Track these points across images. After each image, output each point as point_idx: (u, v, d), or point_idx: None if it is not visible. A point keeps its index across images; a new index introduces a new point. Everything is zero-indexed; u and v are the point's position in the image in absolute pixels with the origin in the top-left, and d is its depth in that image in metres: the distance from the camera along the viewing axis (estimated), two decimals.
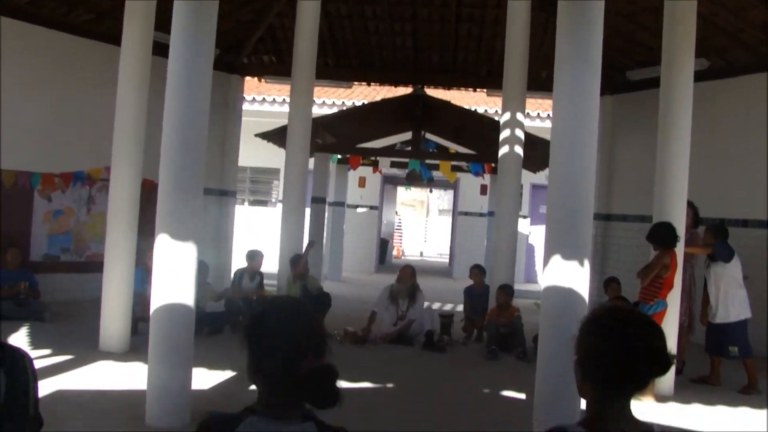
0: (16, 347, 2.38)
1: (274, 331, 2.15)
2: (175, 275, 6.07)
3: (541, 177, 16.73)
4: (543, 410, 5.74)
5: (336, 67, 15.51)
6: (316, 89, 15.27)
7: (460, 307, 12.52)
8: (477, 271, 12.22)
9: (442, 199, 36.20)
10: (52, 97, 11.47)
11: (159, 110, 6.37)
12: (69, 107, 11.67)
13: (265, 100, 19.39)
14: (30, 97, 11.16)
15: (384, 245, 24.31)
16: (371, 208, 22.03)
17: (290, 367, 2.09)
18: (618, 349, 2.11)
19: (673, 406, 7.70)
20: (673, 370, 8.26)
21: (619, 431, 2.14)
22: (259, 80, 17.33)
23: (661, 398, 7.88)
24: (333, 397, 2.11)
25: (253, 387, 2.16)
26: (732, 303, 8.73)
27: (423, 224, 36.62)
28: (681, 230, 8.22)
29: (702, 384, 8.79)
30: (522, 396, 7.77)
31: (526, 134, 11.98)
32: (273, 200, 21.37)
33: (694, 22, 8.52)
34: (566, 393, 5.21)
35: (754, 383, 8.66)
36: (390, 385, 8.22)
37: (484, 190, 19.66)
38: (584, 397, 2.22)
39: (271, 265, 12.07)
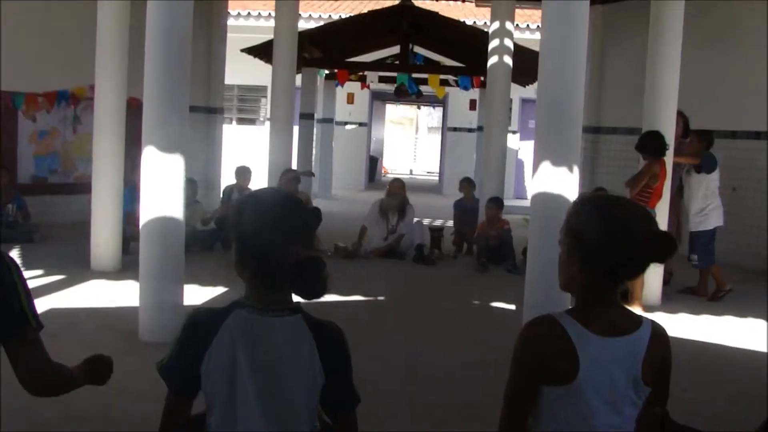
0: None
1: (258, 219, 2.15)
2: (163, 189, 6.03)
3: (531, 91, 16.58)
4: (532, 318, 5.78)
5: None
6: (303, 3, 15.06)
7: (451, 222, 12.57)
8: (466, 183, 12.24)
9: (431, 116, 35.94)
10: (32, 15, 11.21)
11: (142, 27, 6.23)
12: (51, 24, 11.42)
13: (250, 15, 19.10)
14: (9, 15, 10.90)
15: (373, 163, 24.26)
16: (360, 125, 21.92)
17: (278, 254, 2.09)
18: (624, 231, 2.13)
19: (659, 316, 7.79)
20: (660, 279, 8.37)
21: (608, 320, 2.16)
22: None
23: (648, 308, 7.96)
24: (320, 287, 2.12)
25: None
26: (709, 212, 8.80)
27: (412, 142, 36.45)
28: (670, 139, 8.21)
29: (690, 295, 8.88)
30: (512, 307, 7.85)
31: (516, 46, 11.84)
32: (261, 118, 21.21)
33: None
34: (555, 302, 5.22)
35: (719, 287, 8.85)
36: (381, 298, 8.31)
37: (473, 105, 19.52)
38: (572, 288, 2.22)
39: (260, 183, 12.02)
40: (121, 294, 7.64)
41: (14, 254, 9.23)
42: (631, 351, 2.15)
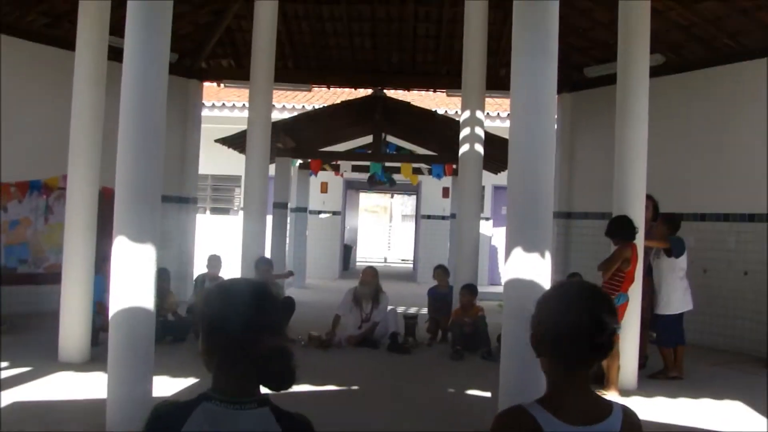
0: None
1: (227, 308, 2.11)
2: (133, 279, 5.95)
3: (503, 178, 16.74)
4: (508, 405, 5.71)
5: (295, 69, 15.48)
6: (276, 94, 15.23)
7: (425, 310, 12.51)
8: (440, 271, 12.22)
9: (405, 204, 36.18)
10: (5, 105, 11.24)
11: (116, 116, 6.25)
12: (24, 115, 11.46)
13: (224, 106, 19.28)
14: None
15: (347, 251, 24.25)
16: (334, 213, 21.96)
17: (245, 343, 2.05)
18: (579, 318, 2.12)
19: (636, 400, 7.74)
20: (636, 364, 8.35)
21: (579, 408, 2.13)
22: (218, 85, 17.24)
23: (625, 392, 7.93)
24: (289, 377, 2.07)
25: None
26: (675, 295, 8.86)
27: (386, 230, 36.56)
28: (640, 223, 8.30)
29: (663, 379, 8.84)
30: (487, 394, 7.75)
31: (487, 134, 12.02)
32: (235, 208, 21.21)
33: (648, 18, 8.66)
34: (531, 387, 5.17)
35: (665, 368, 8.94)
36: (355, 387, 8.18)
37: (446, 192, 19.71)
38: (545, 374, 2.21)
39: (233, 272, 11.94)
40: (89, 386, 7.48)
41: None
42: None
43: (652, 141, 8.75)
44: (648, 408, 7.45)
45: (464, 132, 11.29)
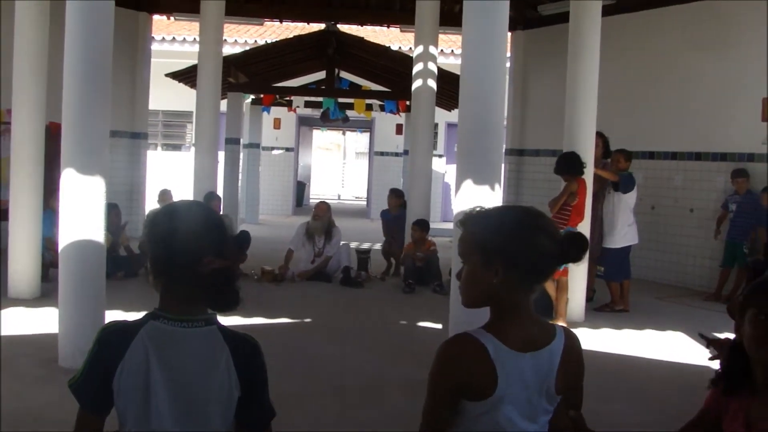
0: None
1: (172, 227, 2.13)
2: (82, 213, 5.91)
3: (456, 116, 16.78)
4: None
5: (246, 3, 15.18)
6: (228, 28, 14.99)
7: (378, 246, 12.59)
8: (392, 195, 12.30)
9: (358, 141, 36.06)
10: None
11: (62, 49, 6.12)
12: None
13: (175, 40, 18.93)
14: None
15: (301, 188, 24.21)
16: (287, 150, 21.85)
17: (189, 264, 2.07)
18: (537, 232, 2.16)
19: (583, 331, 7.93)
20: (583, 296, 8.55)
21: (524, 333, 2.18)
22: (168, 18, 16.88)
23: (572, 324, 8.11)
24: (233, 299, 2.10)
25: None
26: (622, 230, 9.03)
27: (340, 167, 36.50)
28: (590, 160, 8.41)
29: (608, 311, 9.06)
30: (439, 326, 7.89)
31: (440, 70, 12.01)
32: (187, 144, 20.99)
33: None
34: (479, 319, 5.28)
35: (612, 302, 9.17)
36: (308, 320, 8.26)
37: (399, 129, 19.72)
38: (483, 302, 2.22)
39: None
40: (41, 321, 7.44)
41: None
42: (546, 363, 2.17)
43: (604, 80, 8.83)
44: (594, 338, 7.65)
45: (417, 67, 11.27)
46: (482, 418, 2.15)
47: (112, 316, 6.59)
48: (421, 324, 8.26)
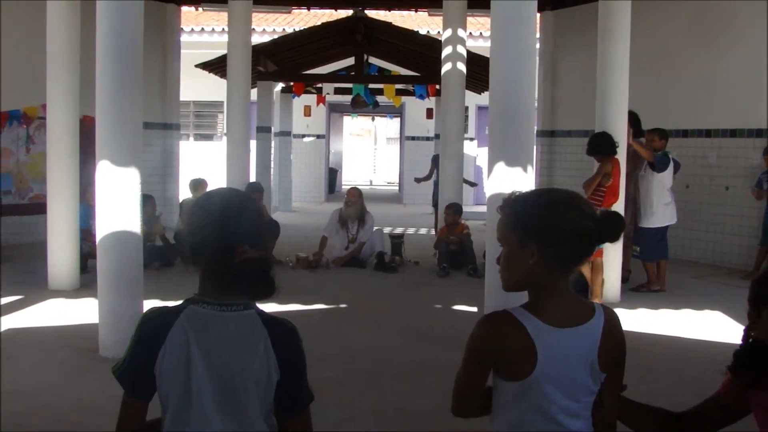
0: None
1: (207, 216, 2.16)
2: (118, 203, 5.99)
3: (487, 98, 16.69)
4: None
5: None
6: (256, 17, 15.04)
7: (411, 230, 12.61)
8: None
9: (389, 126, 36.04)
10: None
11: (93, 43, 6.19)
12: None
13: (204, 30, 19.03)
14: None
15: (332, 174, 24.25)
16: (318, 137, 21.90)
17: (223, 253, 2.10)
18: (573, 213, 2.15)
19: (619, 312, 7.85)
20: (619, 277, 8.50)
21: (563, 311, 2.18)
22: (196, 9, 16.95)
23: (608, 304, 8.01)
24: (268, 288, 2.12)
25: None
26: (657, 210, 8.93)
27: (371, 153, 36.50)
28: (623, 139, 8.33)
29: (644, 291, 8.99)
30: (474, 309, 7.89)
31: (469, 53, 11.96)
32: (218, 134, 21.11)
33: None
34: (514, 302, 5.29)
35: (648, 282, 9.08)
36: (343, 306, 8.29)
37: (430, 113, 19.66)
38: (522, 285, 2.22)
39: None
40: (81, 311, 7.55)
41: None
42: (587, 340, 2.16)
43: (635, 57, 8.72)
44: (631, 319, 7.60)
45: (446, 51, 11.24)
46: (523, 397, 2.16)
47: (149, 305, 6.64)
48: (456, 308, 8.27)
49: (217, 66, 14.51)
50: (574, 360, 2.15)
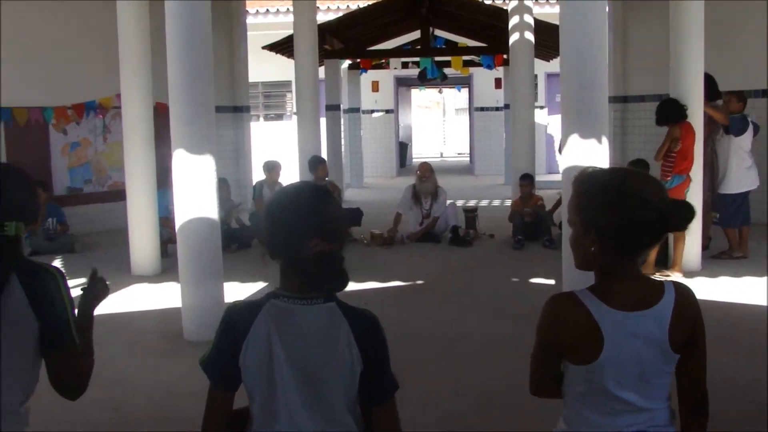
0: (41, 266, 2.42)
1: (278, 211, 2.21)
2: (195, 190, 6.10)
3: (556, 65, 16.44)
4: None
5: None
6: None
7: (484, 203, 12.55)
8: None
9: (457, 97, 35.79)
10: (55, 30, 11.30)
11: (163, 31, 6.28)
12: (74, 38, 11.51)
13: (269, 12, 19.13)
14: (34, 33, 11.03)
15: (403, 148, 24.23)
16: (387, 112, 21.89)
17: (293, 247, 2.13)
18: (635, 203, 2.11)
19: (700, 281, 7.73)
20: (699, 245, 8.30)
21: (630, 293, 2.15)
22: None
23: (689, 273, 7.93)
24: (338, 280, 2.14)
25: None
26: (738, 174, 8.68)
27: (440, 124, 36.34)
28: (698, 104, 8.09)
29: (727, 258, 8.78)
30: (551, 282, 7.83)
31: (536, 21, 11.79)
32: (288, 113, 21.27)
33: None
34: (591, 275, 5.24)
35: (730, 249, 8.85)
36: (420, 282, 8.31)
37: (498, 83, 19.48)
38: (589, 266, 2.22)
39: (291, 176, 12.11)
40: (163, 296, 7.74)
41: (57, 265, 9.35)
42: (656, 321, 2.13)
43: (710, 16, 8.43)
44: (712, 288, 7.45)
45: (513, 21, 11.10)
46: (592, 381, 2.15)
47: (229, 288, 6.81)
48: (533, 281, 8.22)
49: (283, 47, 14.59)
50: (643, 344, 2.13)
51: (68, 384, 2.45)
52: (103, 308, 7.19)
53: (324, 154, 12.70)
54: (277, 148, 18.13)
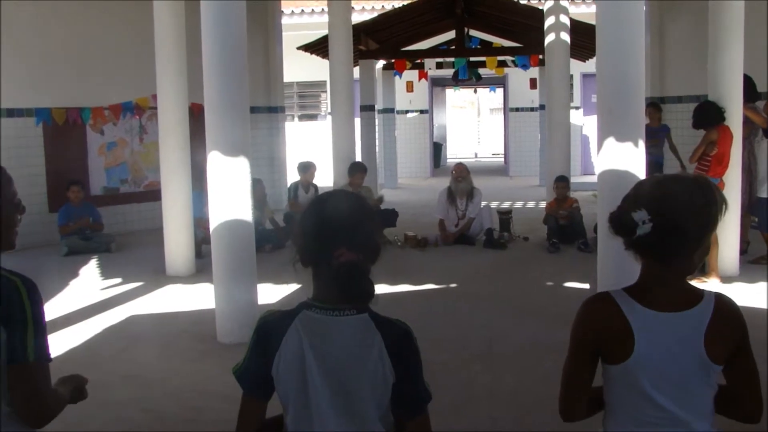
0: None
1: (309, 219, 2.20)
2: (230, 192, 6.13)
3: (591, 66, 16.33)
4: None
5: None
6: None
7: (519, 204, 12.47)
8: (652, 109, 10.90)
9: (492, 98, 35.64)
10: (92, 32, 11.42)
11: (198, 32, 6.31)
12: (110, 39, 11.62)
13: (304, 12, 19.19)
14: (71, 35, 11.17)
15: (437, 148, 24.18)
16: (421, 112, 21.86)
17: (321, 256, 2.13)
18: (666, 211, 2.10)
19: (738, 286, 7.62)
20: (737, 249, 8.16)
21: (667, 296, 2.15)
22: None
23: (726, 278, 7.81)
24: (363, 291, 2.12)
25: None
26: None
27: (475, 125, 36.20)
28: (737, 106, 7.96)
29: (764, 263, 8.63)
30: (586, 286, 7.75)
31: (572, 21, 11.70)
32: (322, 113, 21.31)
33: None
34: (629, 277, 5.17)
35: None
36: (453, 285, 8.27)
37: (533, 84, 19.35)
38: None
39: (325, 178, 12.13)
40: (197, 297, 7.78)
41: (93, 264, 9.48)
42: (690, 325, 2.11)
43: (750, 15, 8.28)
44: (750, 294, 7.32)
45: (549, 21, 11.03)
46: (626, 381, 2.15)
47: (263, 289, 6.82)
48: (568, 284, 8.14)
49: (318, 47, 14.62)
50: (677, 346, 2.11)
51: (26, 403, 2.20)
52: (139, 308, 7.25)
53: (358, 155, 12.70)
54: (311, 148, 18.17)
